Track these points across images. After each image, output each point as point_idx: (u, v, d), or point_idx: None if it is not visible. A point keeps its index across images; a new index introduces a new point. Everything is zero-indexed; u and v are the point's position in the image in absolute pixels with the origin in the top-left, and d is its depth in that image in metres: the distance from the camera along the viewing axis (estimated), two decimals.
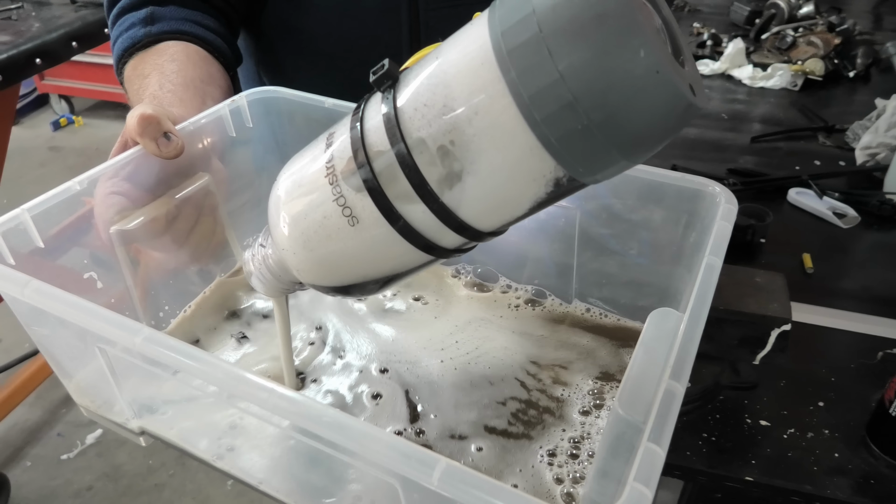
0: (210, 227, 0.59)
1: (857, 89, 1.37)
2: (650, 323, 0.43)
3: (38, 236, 0.50)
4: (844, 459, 0.62)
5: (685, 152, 1.13)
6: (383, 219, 0.35)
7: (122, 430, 0.52)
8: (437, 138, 0.32)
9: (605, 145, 0.29)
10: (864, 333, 0.76)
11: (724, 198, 0.51)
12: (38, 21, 1.65)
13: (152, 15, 0.69)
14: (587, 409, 0.54)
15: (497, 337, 0.60)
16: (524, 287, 0.65)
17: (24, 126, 3.32)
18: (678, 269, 0.57)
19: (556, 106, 0.28)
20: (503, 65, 0.29)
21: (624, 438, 0.39)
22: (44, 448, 1.76)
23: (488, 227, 0.35)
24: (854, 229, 0.94)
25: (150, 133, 0.52)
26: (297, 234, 0.38)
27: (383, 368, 0.57)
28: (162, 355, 0.38)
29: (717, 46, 1.49)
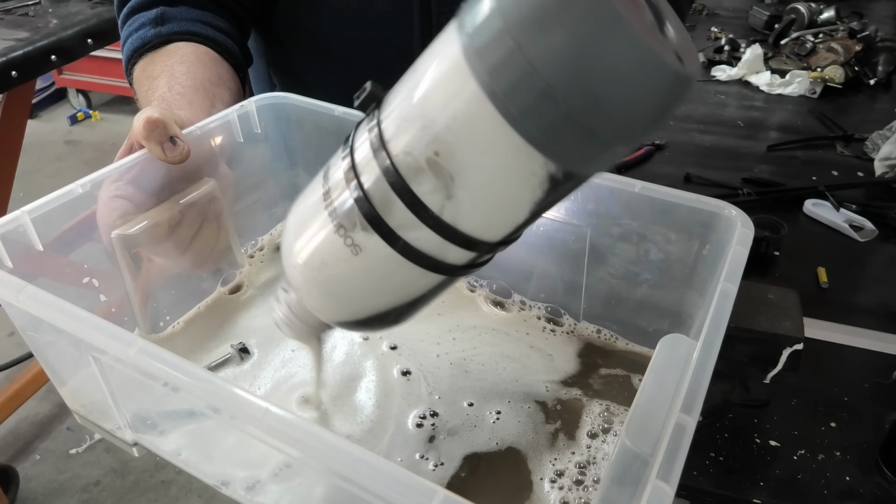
0: (213, 233, 0.58)
1: (877, 97, 1.34)
2: (661, 349, 0.42)
3: (37, 239, 0.49)
4: (856, 483, 0.60)
5: (699, 160, 1.12)
6: (384, 244, 0.34)
7: (115, 439, 0.52)
8: (423, 152, 0.31)
9: (592, 131, 0.28)
10: (880, 352, 0.74)
11: (740, 221, 0.50)
12: (55, 17, 1.66)
13: (163, 15, 0.69)
14: (595, 431, 0.53)
15: (512, 351, 0.60)
16: (538, 305, 0.64)
17: (42, 120, 3.35)
18: (690, 292, 0.56)
19: (532, 98, 0.27)
20: (473, 65, 0.28)
21: (630, 470, 0.38)
22: (53, 442, 1.77)
23: (492, 236, 0.34)
24: (871, 243, 0.92)
25: (156, 137, 0.52)
26: (306, 271, 0.38)
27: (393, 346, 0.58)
28: (156, 369, 0.37)
29: (735, 52, 1.47)
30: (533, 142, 0.29)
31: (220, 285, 0.65)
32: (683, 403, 0.35)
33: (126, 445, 0.51)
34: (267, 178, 0.69)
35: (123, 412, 0.49)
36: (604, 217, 0.57)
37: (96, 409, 0.53)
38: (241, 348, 0.59)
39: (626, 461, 0.38)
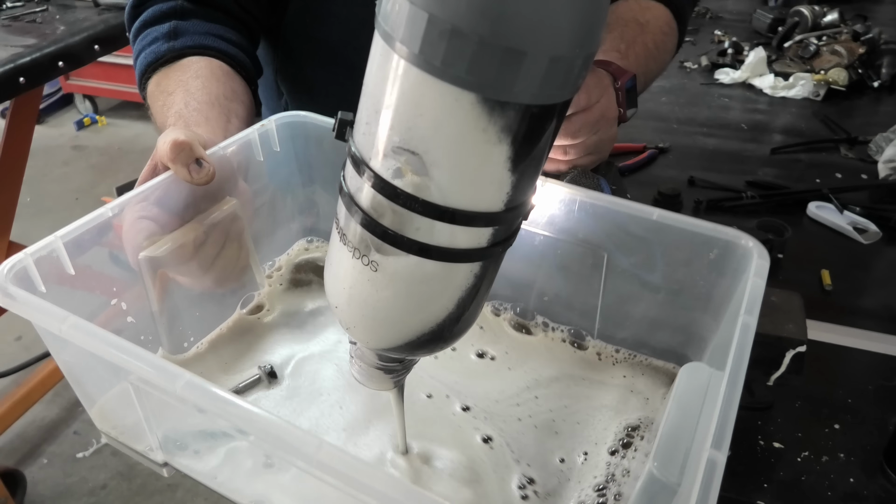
0: (236, 252, 0.59)
1: (881, 100, 1.34)
2: (682, 378, 0.43)
3: (69, 263, 0.49)
4: (860, 485, 0.61)
5: (703, 163, 1.12)
6: (396, 250, 0.34)
7: (144, 459, 0.52)
8: (388, 144, 0.32)
9: (516, 52, 0.28)
10: (884, 354, 0.74)
11: (756, 252, 0.51)
12: (62, 24, 1.67)
13: (175, 29, 0.69)
14: (615, 448, 0.53)
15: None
16: (560, 327, 0.65)
17: (49, 125, 3.37)
18: (705, 318, 0.58)
19: (445, 43, 0.28)
20: (389, 41, 0.30)
21: (656, 499, 0.39)
22: (60, 446, 1.78)
23: (490, 205, 0.34)
24: (875, 245, 0.92)
25: (183, 160, 0.52)
26: (344, 306, 0.39)
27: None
28: (204, 403, 0.38)
29: (739, 55, 1.47)
30: (468, 86, 0.29)
31: (240, 307, 0.65)
32: (714, 439, 0.36)
33: (157, 466, 0.51)
34: (285, 196, 0.70)
35: (156, 434, 0.50)
36: (622, 243, 0.58)
37: (127, 430, 0.53)
38: (269, 371, 0.59)
39: (654, 490, 0.39)
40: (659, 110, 1.30)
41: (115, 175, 2.86)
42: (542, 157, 0.34)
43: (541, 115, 0.31)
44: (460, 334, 0.40)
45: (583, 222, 0.59)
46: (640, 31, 0.77)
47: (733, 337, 0.43)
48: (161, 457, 0.50)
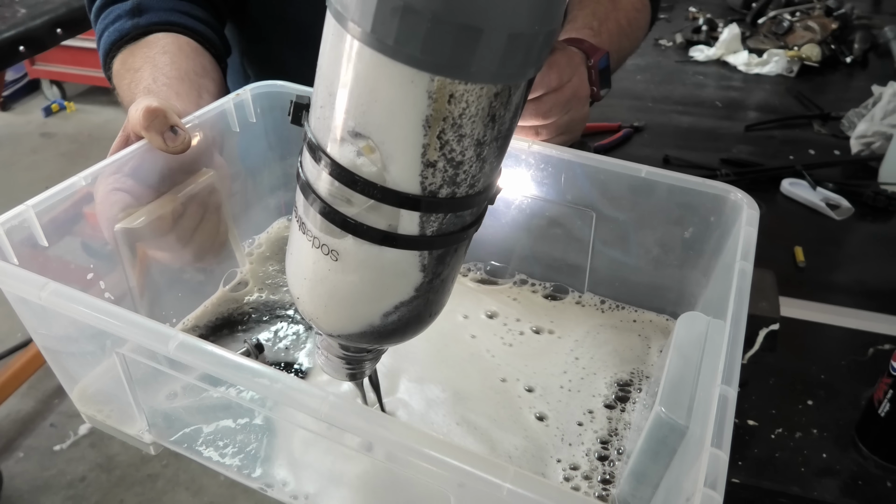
0: (215, 225, 0.57)
1: (854, 75, 1.35)
2: (680, 327, 0.44)
3: (42, 234, 0.47)
4: (833, 460, 0.61)
5: (678, 142, 1.12)
6: (356, 238, 0.33)
7: (130, 438, 0.50)
8: (344, 129, 0.31)
9: (472, 29, 0.27)
10: (856, 329, 0.75)
11: (746, 203, 0.51)
12: (22, 7, 1.62)
13: (139, 6, 0.67)
14: (611, 402, 0.53)
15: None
16: (542, 283, 0.65)
17: (16, 112, 3.29)
18: (694, 273, 0.57)
19: (397, 20, 0.27)
20: (341, 20, 0.29)
21: (666, 442, 0.39)
22: (37, 439, 1.76)
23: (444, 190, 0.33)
24: (848, 221, 0.92)
25: (157, 127, 0.51)
26: (307, 296, 0.38)
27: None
28: (200, 363, 0.37)
29: (713, 32, 1.47)
30: (420, 64, 0.28)
31: (222, 284, 0.64)
32: (724, 376, 0.36)
33: (143, 445, 0.50)
34: (261, 170, 0.68)
35: (143, 410, 0.48)
36: (610, 201, 0.58)
37: (112, 410, 0.51)
38: (256, 344, 0.57)
39: (663, 433, 0.39)
40: (634, 88, 1.29)
41: (85, 162, 2.76)
42: (507, 139, 0.33)
43: (501, 96, 0.30)
44: (428, 321, 0.39)
45: (569, 183, 0.58)
46: (613, 7, 0.76)
47: (732, 282, 0.43)
48: (149, 436, 0.49)
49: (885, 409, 0.58)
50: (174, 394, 0.50)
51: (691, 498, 0.31)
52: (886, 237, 0.90)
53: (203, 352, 0.36)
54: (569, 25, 0.74)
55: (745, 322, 0.40)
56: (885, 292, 0.80)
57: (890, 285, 0.82)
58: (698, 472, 0.32)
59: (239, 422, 0.48)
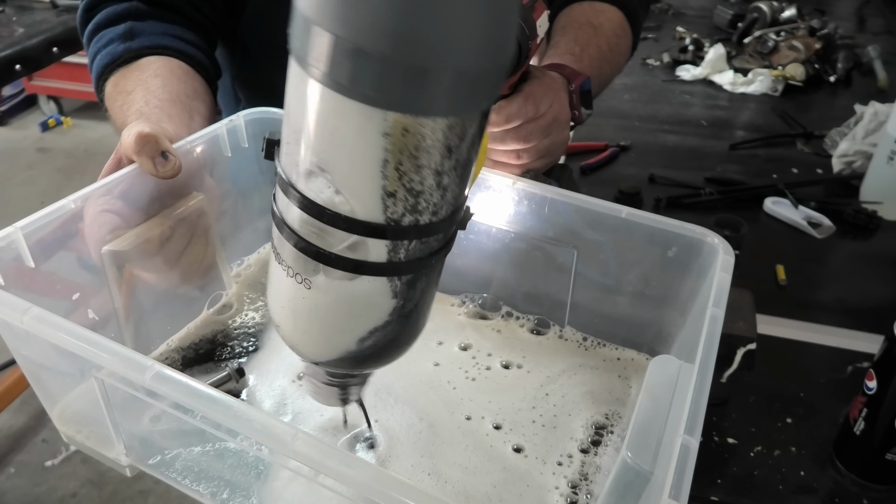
0: (202, 248, 0.58)
1: (837, 94, 1.37)
2: (652, 370, 0.45)
3: (29, 256, 0.48)
4: (811, 477, 0.62)
5: (664, 160, 1.13)
6: (328, 267, 0.35)
7: (107, 460, 0.51)
8: (308, 164, 0.33)
9: (419, 68, 0.28)
10: (836, 347, 0.76)
11: (721, 248, 0.52)
12: (20, 26, 1.64)
13: (131, 30, 0.68)
14: (585, 447, 0.54)
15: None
16: (526, 316, 0.66)
17: (12, 127, 3.30)
18: (672, 314, 0.59)
19: (350, 62, 0.28)
20: (302, 63, 0.30)
21: (632, 487, 0.40)
22: (28, 454, 1.75)
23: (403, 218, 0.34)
24: (829, 239, 0.94)
25: (148, 152, 0.52)
26: (287, 323, 0.39)
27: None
28: (174, 394, 0.37)
29: (699, 51, 1.49)
30: (374, 102, 0.29)
31: (207, 306, 0.65)
32: (687, 426, 0.37)
33: (119, 467, 0.50)
34: (252, 194, 0.69)
35: (121, 434, 0.49)
36: (590, 240, 0.59)
37: (91, 431, 0.52)
38: (238, 369, 0.58)
39: (628, 478, 0.40)
40: (621, 108, 1.31)
41: (81, 178, 2.82)
42: (466, 168, 0.34)
43: (455, 128, 0.31)
44: (406, 345, 0.40)
45: (552, 220, 0.60)
46: (594, 34, 0.78)
47: (702, 328, 0.44)
48: (126, 459, 0.50)
49: (860, 427, 0.60)
50: (156, 417, 0.51)
51: None
52: (867, 255, 0.92)
53: (178, 384, 0.37)
54: (551, 51, 0.76)
55: (713, 369, 0.42)
56: (865, 310, 0.81)
57: (870, 303, 0.83)
58: None
59: (213, 448, 0.48)
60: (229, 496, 0.47)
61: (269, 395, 0.57)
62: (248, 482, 0.48)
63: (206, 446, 0.48)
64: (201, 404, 0.37)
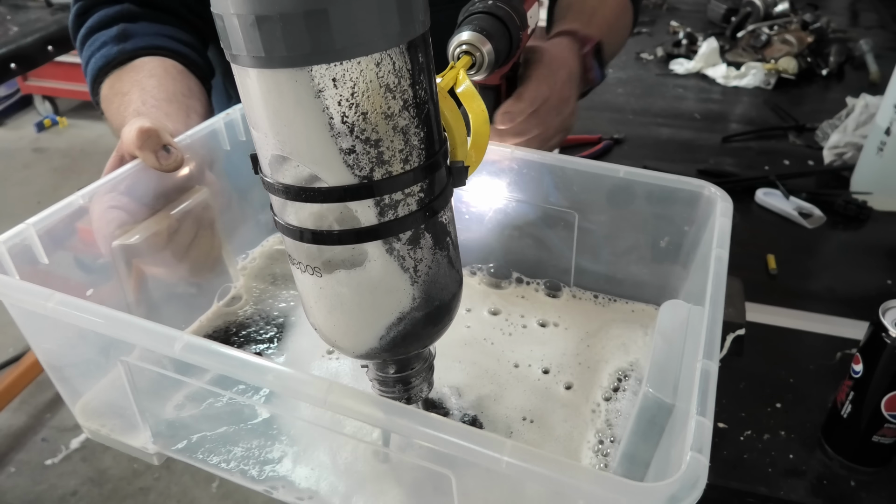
0: (209, 240, 0.59)
1: (830, 87, 1.38)
2: (664, 314, 0.46)
3: (42, 252, 0.49)
4: (800, 461, 0.63)
5: (657, 153, 1.14)
6: (331, 248, 0.35)
7: (134, 451, 0.51)
8: (270, 152, 0.34)
9: (315, 12, 0.29)
10: (825, 334, 0.77)
11: (720, 196, 0.54)
12: (14, 24, 1.64)
13: (124, 32, 0.68)
14: (608, 394, 0.56)
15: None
16: (536, 281, 0.67)
17: (8, 127, 3.31)
18: (675, 267, 0.60)
19: (257, 32, 0.30)
20: (232, 59, 0.32)
21: (655, 421, 0.42)
22: (28, 453, 1.76)
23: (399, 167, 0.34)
24: (820, 229, 0.95)
25: (150, 146, 0.52)
26: (319, 321, 0.40)
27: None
28: (205, 362, 0.38)
29: (693, 45, 1.50)
30: (293, 62, 0.30)
31: (217, 299, 0.65)
32: (705, 352, 0.39)
33: (146, 455, 0.51)
34: (252, 187, 0.70)
35: (148, 421, 0.49)
36: (591, 202, 0.60)
37: (116, 422, 0.52)
38: (256, 354, 0.59)
39: (651, 412, 0.42)
40: (615, 101, 1.32)
41: (78, 177, 2.82)
42: (421, 106, 0.34)
43: (384, 65, 0.31)
44: (441, 320, 0.40)
45: (551, 185, 0.61)
46: (601, 3, 0.79)
47: (709, 267, 0.46)
48: (153, 447, 0.50)
49: (847, 410, 0.61)
50: (180, 404, 0.51)
51: (679, 462, 0.33)
52: (857, 245, 0.93)
53: (209, 351, 0.38)
54: (560, 19, 0.77)
55: (724, 303, 0.43)
56: (854, 299, 0.82)
57: (859, 292, 0.84)
58: (685, 440, 0.34)
59: (243, 425, 0.49)
60: (259, 472, 0.48)
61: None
62: (278, 453, 0.48)
63: (233, 426, 0.49)
64: (232, 367, 0.38)
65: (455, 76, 0.44)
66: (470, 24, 0.52)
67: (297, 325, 0.63)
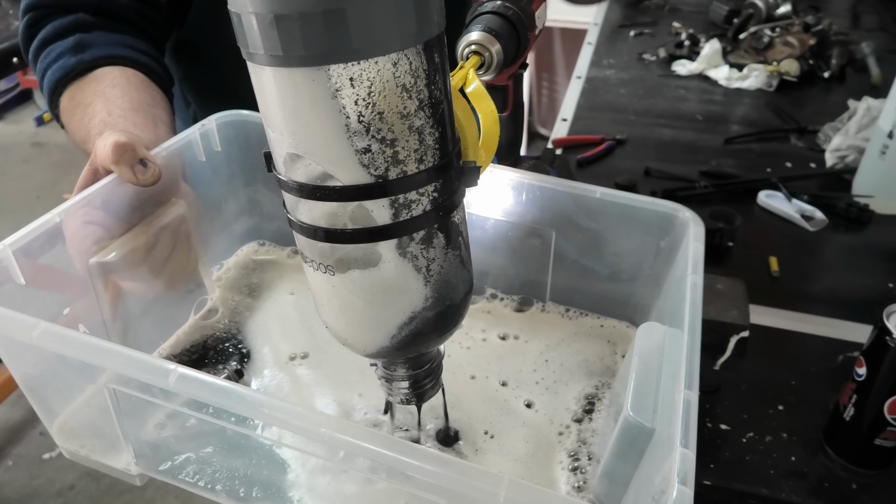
0: (185, 253, 0.58)
1: (831, 90, 1.38)
2: (640, 336, 0.48)
3: (20, 273, 0.48)
4: (801, 462, 0.63)
5: (659, 154, 1.14)
6: (344, 246, 0.36)
7: (116, 472, 0.51)
8: (284, 150, 0.34)
9: (334, 11, 0.29)
10: (827, 337, 0.77)
11: (692, 221, 0.55)
12: (16, 19, 1.64)
13: (81, 42, 0.67)
14: (579, 416, 0.56)
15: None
16: (511, 297, 0.68)
17: (8, 122, 3.30)
18: (647, 286, 0.61)
19: (275, 31, 0.30)
20: (249, 57, 0.32)
21: (635, 444, 0.43)
22: (25, 447, 1.76)
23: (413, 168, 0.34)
24: (821, 232, 0.95)
25: (126, 160, 0.51)
26: (331, 319, 0.40)
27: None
28: (200, 394, 0.39)
29: (695, 47, 1.50)
30: (309, 61, 0.30)
31: (193, 312, 0.65)
32: (686, 382, 0.40)
33: (129, 477, 0.50)
34: (227, 196, 0.69)
35: (131, 442, 0.49)
36: (567, 221, 0.61)
37: (95, 442, 0.52)
38: (236, 370, 0.58)
39: (632, 435, 0.43)
40: (617, 102, 1.32)
41: (76, 172, 2.77)
42: (438, 106, 0.34)
43: (401, 65, 0.31)
44: (451, 320, 0.40)
45: (530, 204, 0.62)
46: None
47: (685, 294, 0.47)
48: (136, 468, 0.50)
49: (849, 413, 0.61)
50: (161, 424, 0.51)
51: (665, 493, 0.34)
52: (858, 248, 0.93)
53: (203, 384, 0.39)
54: None
55: (700, 330, 0.44)
56: (855, 301, 0.83)
57: (861, 295, 0.84)
58: (670, 470, 0.35)
59: (229, 446, 0.48)
60: (247, 493, 0.48)
61: (276, 391, 0.58)
62: (269, 477, 0.48)
63: (220, 445, 0.49)
64: (232, 402, 0.38)
65: (465, 76, 0.44)
66: (479, 24, 0.52)
67: (275, 332, 0.64)
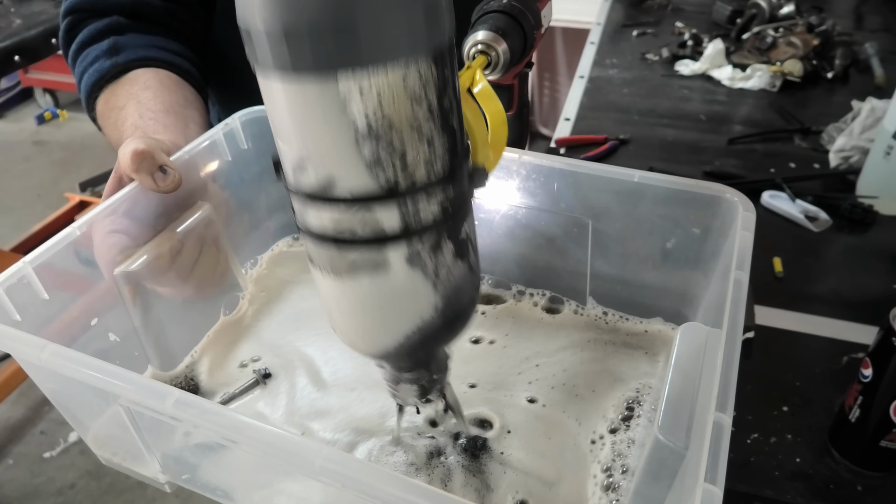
0: (214, 257, 0.58)
1: (835, 90, 1.38)
2: (681, 341, 0.43)
3: (42, 288, 0.48)
4: (806, 464, 0.63)
5: (662, 154, 1.14)
6: (352, 251, 0.35)
7: (148, 479, 0.51)
8: (294, 160, 0.34)
9: (337, 22, 0.29)
10: (832, 338, 0.77)
11: (742, 205, 0.50)
12: (18, 17, 1.63)
13: (115, 45, 0.67)
14: (616, 426, 0.53)
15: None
16: (540, 292, 0.64)
17: (8, 120, 3.30)
18: (695, 274, 0.57)
19: (285, 46, 0.30)
20: (258, 69, 0.32)
21: (666, 464, 0.39)
22: (26, 446, 1.76)
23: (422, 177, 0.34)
24: (825, 233, 0.95)
25: (146, 168, 0.51)
26: (339, 322, 0.40)
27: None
28: (196, 418, 0.38)
29: (698, 47, 1.50)
30: (319, 74, 0.30)
31: (224, 311, 0.64)
32: (718, 402, 0.36)
33: (159, 484, 0.50)
34: (258, 194, 0.69)
35: (155, 453, 0.49)
36: (604, 207, 0.58)
37: (126, 453, 0.52)
38: (264, 374, 0.58)
39: (662, 456, 0.39)
40: (620, 102, 1.32)
41: (77, 170, 2.81)
42: (448, 115, 0.34)
43: (410, 75, 0.31)
44: (459, 323, 0.40)
45: (562, 191, 0.58)
46: None
47: (727, 294, 0.42)
48: (164, 477, 0.50)
49: (855, 415, 0.61)
50: (188, 432, 0.50)
51: None
52: (863, 249, 0.93)
53: (200, 408, 0.38)
54: None
55: (741, 336, 0.40)
56: (860, 302, 0.82)
57: (865, 295, 0.84)
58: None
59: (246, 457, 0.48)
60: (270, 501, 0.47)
61: (300, 396, 0.57)
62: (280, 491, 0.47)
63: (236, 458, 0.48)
64: (220, 425, 0.38)
65: (472, 76, 0.43)
66: (485, 23, 0.52)
67: (307, 329, 0.63)
